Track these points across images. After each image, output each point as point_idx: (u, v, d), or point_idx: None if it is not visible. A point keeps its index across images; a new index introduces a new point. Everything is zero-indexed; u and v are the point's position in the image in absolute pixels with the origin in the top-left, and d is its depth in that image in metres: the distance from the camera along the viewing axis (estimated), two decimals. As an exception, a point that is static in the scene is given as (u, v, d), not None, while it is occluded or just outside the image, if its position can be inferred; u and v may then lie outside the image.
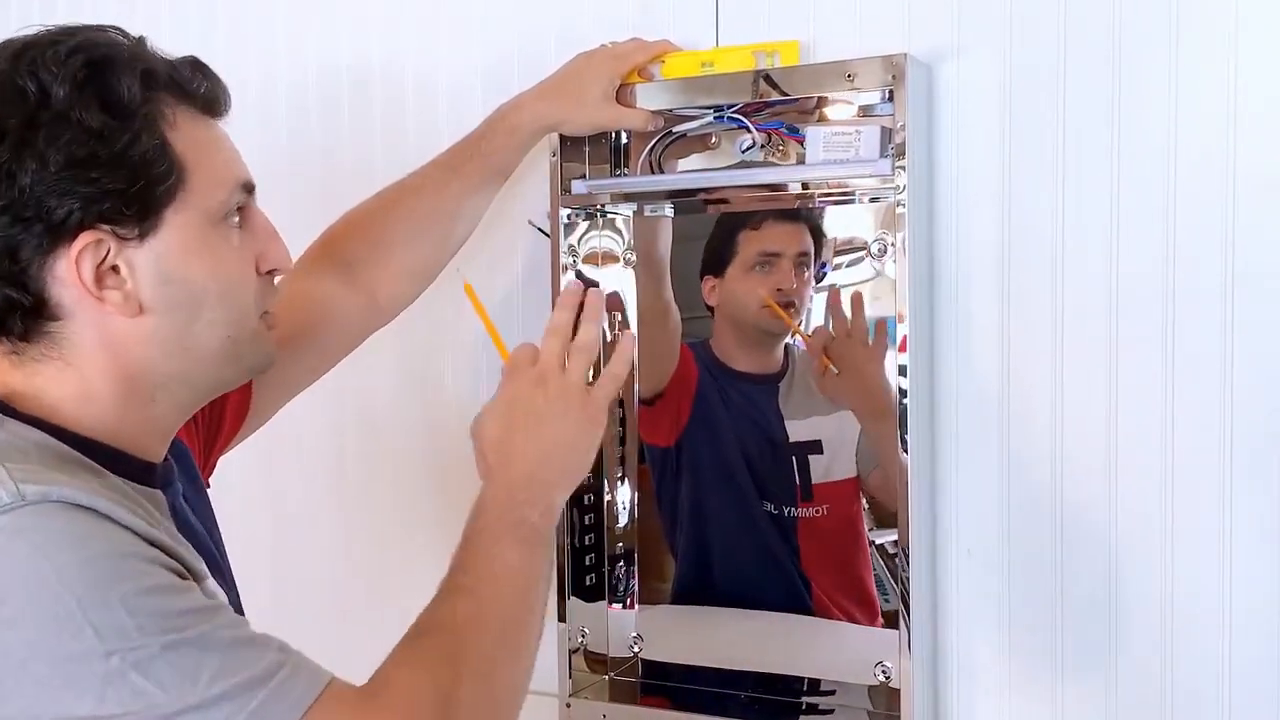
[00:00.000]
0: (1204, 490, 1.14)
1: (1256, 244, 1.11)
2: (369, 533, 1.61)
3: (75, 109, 0.83)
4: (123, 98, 0.85)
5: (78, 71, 0.84)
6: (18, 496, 0.76)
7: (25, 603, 0.75)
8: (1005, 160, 1.20)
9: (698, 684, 1.36)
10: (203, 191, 0.89)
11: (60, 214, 0.83)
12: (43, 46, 0.85)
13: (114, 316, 0.86)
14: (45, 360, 0.87)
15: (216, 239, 0.90)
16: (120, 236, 0.85)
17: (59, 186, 0.82)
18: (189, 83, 0.91)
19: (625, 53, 1.30)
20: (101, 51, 0.86)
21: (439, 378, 1.55)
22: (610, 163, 1.36)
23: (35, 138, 0.82)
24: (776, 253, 1.31)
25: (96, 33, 0.89)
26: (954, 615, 1.25)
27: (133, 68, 0.86)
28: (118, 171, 0.84)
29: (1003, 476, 1.22)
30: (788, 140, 1.27)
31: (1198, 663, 1.16)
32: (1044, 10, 1.18)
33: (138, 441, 0.91)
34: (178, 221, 0.87)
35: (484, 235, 1.39)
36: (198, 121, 0.91)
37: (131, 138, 0.85)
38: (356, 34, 1.57)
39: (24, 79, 0.83)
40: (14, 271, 0.84)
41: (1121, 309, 1.17)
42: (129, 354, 0.88)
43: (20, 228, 0.83)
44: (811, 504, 1.32)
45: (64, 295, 0.85)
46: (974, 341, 1.23)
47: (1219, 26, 1.12)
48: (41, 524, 0.76)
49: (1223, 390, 1.13)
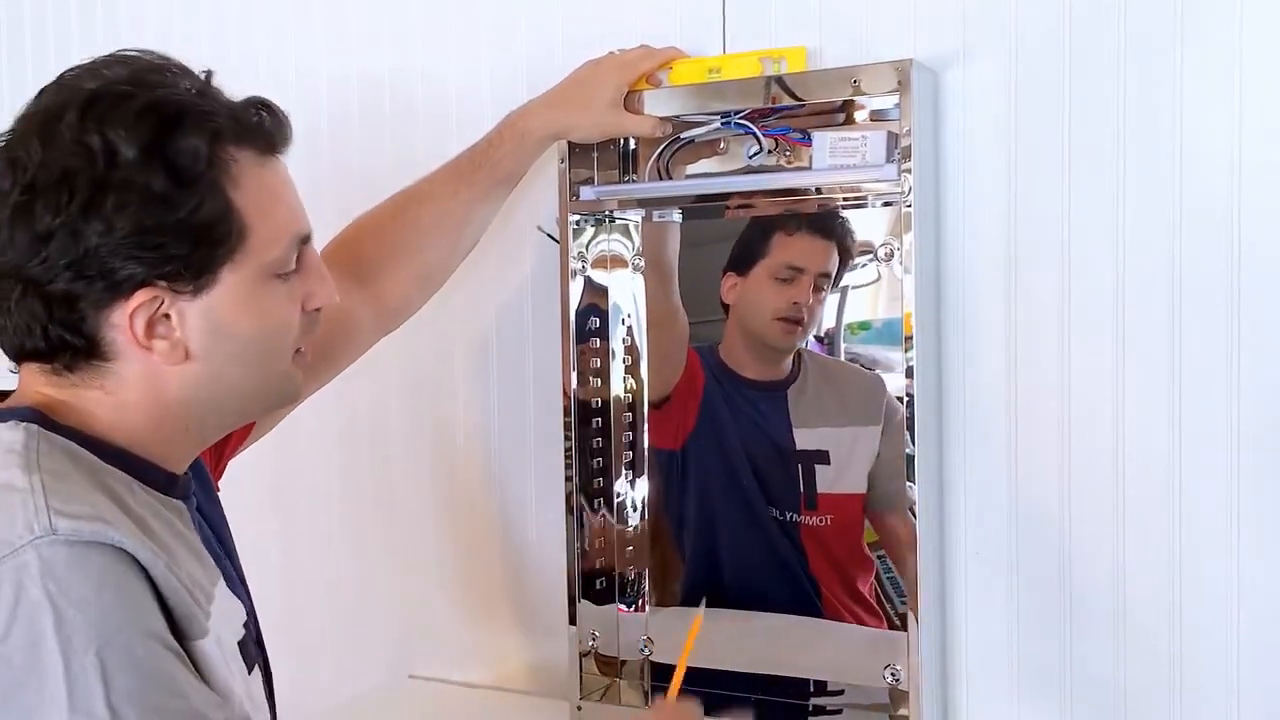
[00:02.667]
0: (1211, 491, 1.15)
1: (1263, 244, 1.12)
2: (378, 537, 1.62)
3: (142, 175, 0.84)
4: (190, 162, 0.86)
5: (146, 134, 0.84)
6: (48, 529, 0.77)
7: (21, 642, 0.75)
8: (1011, 165, 1.21)
9: (708, 686, 1.36)
10: (261, 249, 0.90)
11: (123, 274, 0.85)
12: (113, 100, 0.85)
13: (157, 361, 0.88)
14: (86, 387, 0.89)
15: (267, 292, 0.92)
16: (175, 291, 0.87)
17: (123, 251, 0.84)
18: (253, 127, 0.91)
19: (633, 60, 1.31)
20: (170, 109, 0.86)
21: (449, 383, 1.56)
22: (618, 169, 1.37)
23: (103, 200, 0.83)
24: (801, 268, 1.31)
25: (163, 79, 0.89)
26: (962, 617, 1.26)
27: (200, 126, 0.87)
28: (181, 238, 0.85)
29: (1010, 479, 1.23)
30: (795, 146, 1.28)
31: (1206, 664, 1.16)
32: (1049, 15, 1.18)
33: (166, 456, 0.93)
34: (232, 279, 0.89)
35: (493, 241, 1.40)
36: (261, 168, 0.91)
37: (197, 204, 0.86)
38: (367, 43, 1.58)
39: (92, 136, 0.84)
40: (70, 319, 0.86)
41: (1128, 311, 1.17)
42: (168, 392, 0.90)
43: (83, 283, 0.85)
44: (816, 513, 1.33)
45: (115, 339, 0.87)
46: (981, 343, 1.23)
47: (1224, 29, 1.12)
48: (60, 566, 0.77)
49: (1229, 391, 1.13)
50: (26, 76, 1.89)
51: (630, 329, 1.40)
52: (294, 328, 0.96)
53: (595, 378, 1.39)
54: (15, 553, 0.76)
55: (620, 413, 1.40)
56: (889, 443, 1.26)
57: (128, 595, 0.79)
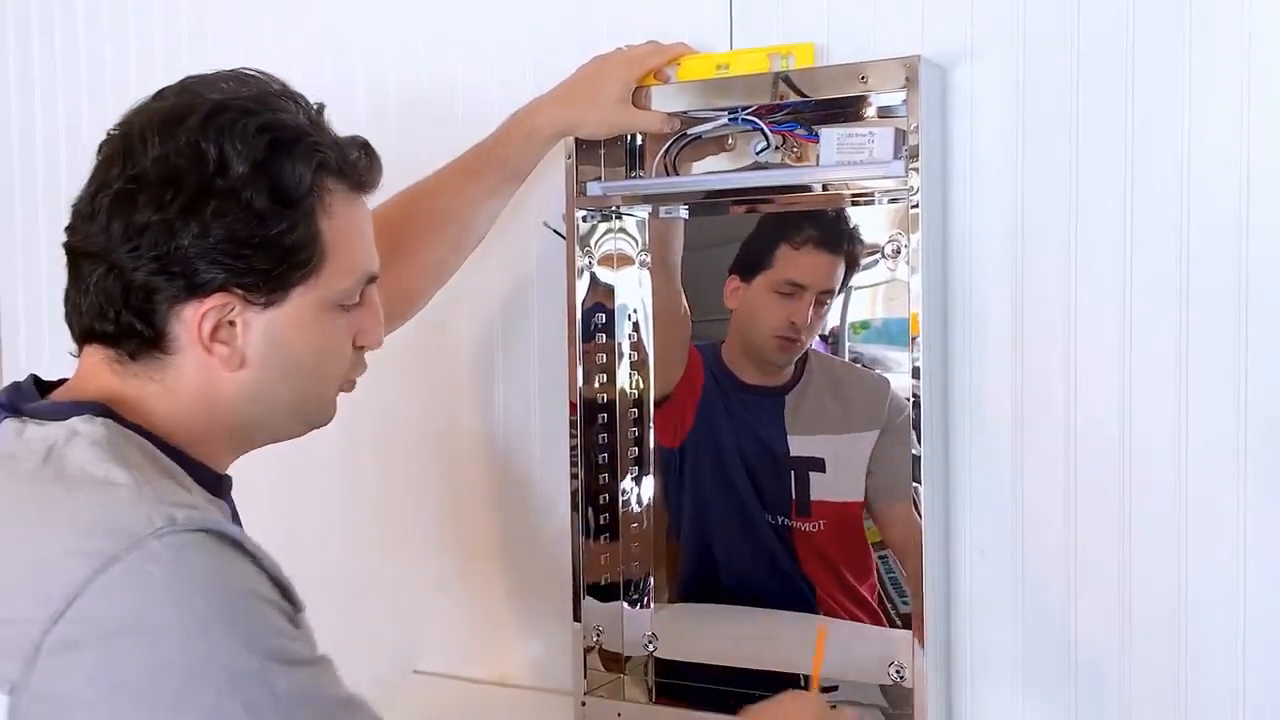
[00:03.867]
0: (1217, 492, 1.15)
1: (1272, 245, 1.12)
2: (382, 532, 1.62)
3: (248, 189, 0.88)
4: (293, 186, 0.90)
5: (260, 152, 0.89)
6: (170, 520, 0.79)
7: (170, 627, 0.76)
8: (1018, 162, 1.21)
9: (712, 683, 1.36)
10: (333, 279, 0.94)
11: (205, 277, 0.88)
12: (236, 114, 0.89)
13: (215, 364, 0.92)
14: (147, 379, 0.92)
15: (327, 319, 0.96)
16: (247, 301, 0.91)
17: (212, 255, 0.88)
18: (354, 167, 0.96)
19: (641, 56, 1.31)
20: (286, 134, 0.91)
21: (454, 378, 1.56)
22: (625, 165, 1.37)
23: (204, 205, 0.87)
24: (802, 285, 1.30)
25: (283, 104, 0.93)
26: (967, 614, 1.26)
27: (308, 156, 0.92)
28: (269, 254, 0.90)
29: (1016, 475, 1.23)
30: (802, 142, 1.28)
31: (1211, 661, 1.16)
32: (1057, 13, 1.18)
33: (210, 457, 0.96)
34: (301, 300, 0.93)
35: (500, 237, 1.40)
36: (350, 203, 0.96)
37: (290, 226, 0.90)
38: (372, 40, 1.58)
39: (209, 144, 0.88)
40: (145, 309, 0.89)
41: (1135, 309, 1.17)
42: (220, 395, 0.93)
43: (164, 277, 0.88)
44: (809, 519, 1.33)
45: (180, 335, 0.91)
46: (987, 343, 1.23)
47: (1232, 27, 1.12)
48: (189, 552, 0.79)
49: (1237, 392, 1.13)
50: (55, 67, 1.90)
51: (636, 326, 1.41)
52: (344, 359, 1.00)
53: (601, 374, 1.39)
54: (140, 543, 0.78)
55: (625, 410, 1.40)
56: (893, 438, 1.26)
57: (251, 575, 0.82)
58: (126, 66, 1.80)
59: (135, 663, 0.76)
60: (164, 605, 0.77)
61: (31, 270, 1.93)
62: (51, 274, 1.77)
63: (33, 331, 1.94)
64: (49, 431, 0.87)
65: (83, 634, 0.76)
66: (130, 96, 0.94)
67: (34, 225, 1.91)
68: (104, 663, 0.75)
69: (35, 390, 0.95)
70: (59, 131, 1.88)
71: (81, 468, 0.83)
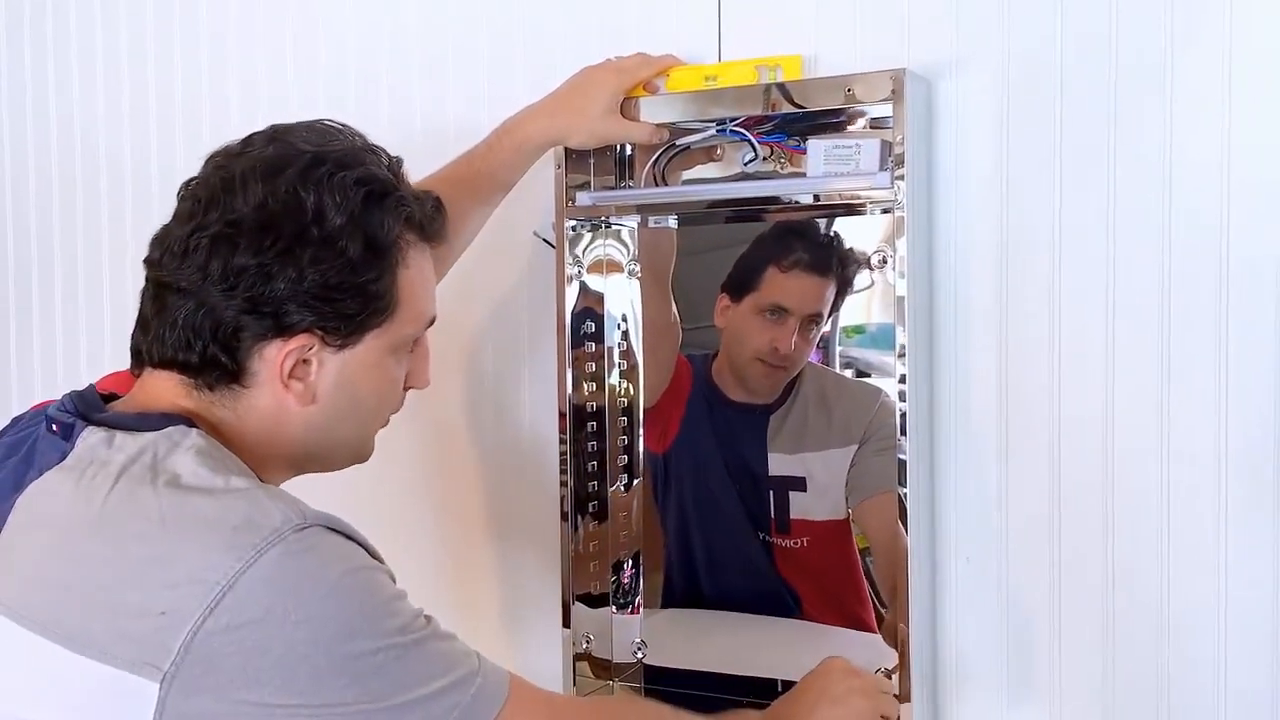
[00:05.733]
0: (1199, 501, 1.16)
1: (1253, 253, 1.13)
2: (371, 538, 1.62)
3: (344, 239, 0.94)
4: (383, 237, 0.97)
5: (356, 204, 0.95)
6: (304, 518, 0.87)
7: (315, 606, 0.84)
8: (1003, 174, 1.22)
9: (701, 689, 1.37)
10: (402, 324, 1.00)
11: (293, 319, 0.94)
12: (332, 167, 0.95)
13: (289, 399, 0.97)
14: (220, 405, 0.97)
15: (391, 362, 1.02)
16: (326, 342, 0.96)
17: (303, 299, 0.94)
18: (429, 222, 1.02)
19: (630, 67, 1.32)
20: (379, 187, 0.97)
21: (444, 385, 1.57)
22: (615, 175, 1.38)
23: (302, 253, 0.93)
24: (787, 309, 1.31)
25: (371, 158, 0.99)
26: (952, 622, 1.27)
27: (397, 209, 0.98)
28: (355, 300, 0.96)
29: (1001, 484, 1.24)
30: (790, 153, 1.29)
31: (1193, 671, 1.17)
32: (1041, 26, 1.19)
33: (265, 480, 0.99)
34: (372, 343, 0.99)
35: (489, 246, 1.41)
36: (421, 254, 1.02)
37: (377, 275, 0.96)
38: (363, 42, 1.59)
39: (308, 194, 0.94)
40: (231, 344, 0.94)
41: (1119, 320, 1.18)
42: (287, 426, 0.98)
43: (254, 317, 0.93)
44: (788, 536, 1.33)
45: (261, 370, 0.96)
46: (973, 351, 1.24)
47: (1214, 39, 1.13)
48: (320, 542, 0.87)
49: (1218, 402, 1.14)
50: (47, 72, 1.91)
51: (625, 334, 1.41)
52: (397, 400, 1.06)
53: (590, 382, 1.40)
54: (282, 537, 0.85)
55: (615, 417, 1.41)
56: (875, 443, 1.27)
57: (361, 553, 0.91)
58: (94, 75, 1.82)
59: (287, 641, 0.83)
60: (307, 587, 0.84)
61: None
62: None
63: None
64: (145, 440, 0.91)
65: (237, 620, 0.82)
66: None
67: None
68: (259, 645, 0.82)
69: (100, 400, 0.99)
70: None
71: (196, 473, 0.89)
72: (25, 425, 1.00)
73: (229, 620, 0.82)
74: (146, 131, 1.79)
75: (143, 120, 1.79)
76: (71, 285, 1.89)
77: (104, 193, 1.84)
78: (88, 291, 1.87)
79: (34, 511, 0.93)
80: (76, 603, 0.85)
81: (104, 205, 1.84)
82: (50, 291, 1.91)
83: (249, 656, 0.82)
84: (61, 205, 1.89)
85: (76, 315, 1.88)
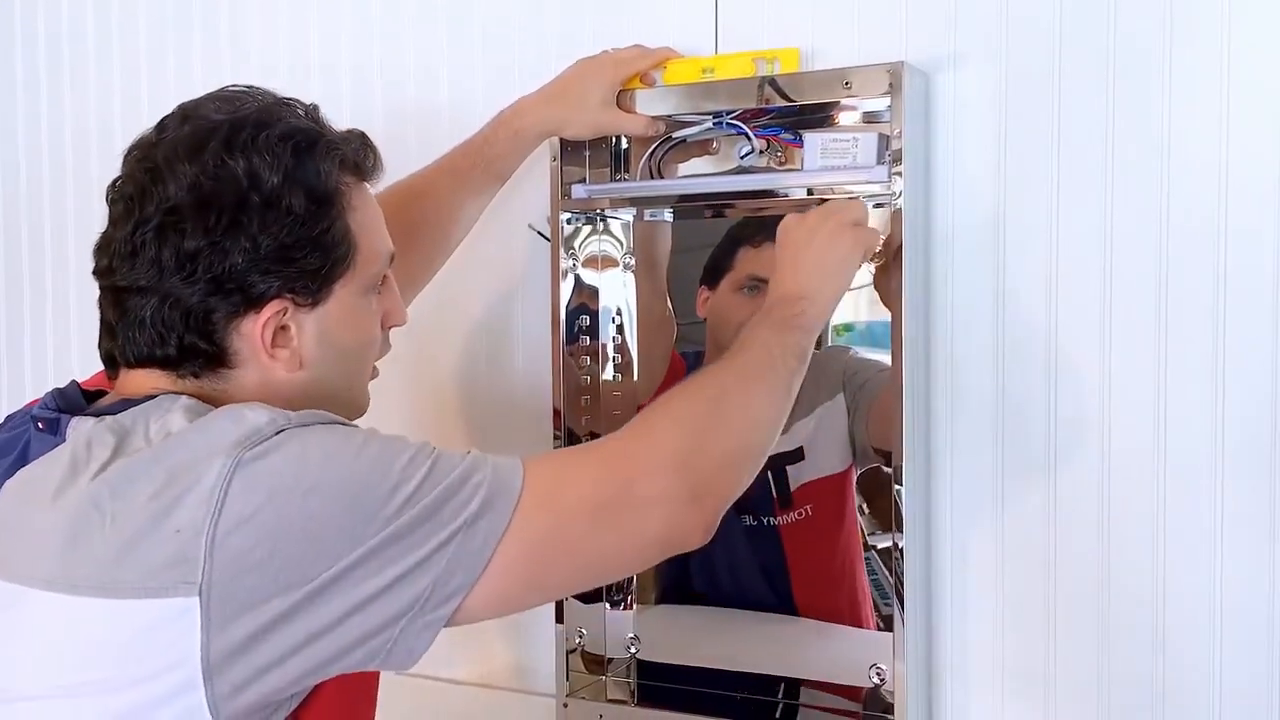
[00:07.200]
0: (1195, 498, 1.15)
1: (1250, 248, 1.13)
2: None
3: (285, 197, 0.93)
4: (323, 185, 0.96)
5: (286, 160, 0.94)
6: (288, 420, 0.88)
7: (318, 473, 0.85)
8: (1001, 167, 1.22)
9: (694, 685, 1.37)
10: (364, 266, 0.99)
11: (260, 288, 0.93)
12: (252, 129, 0.94)
13: (278, 368, 0.96)
14: (209, 390, 0.96)
15: (364, 306, 1.01)
16: (298, 304, 0.95)
17: (264, 266, 0.93)
18: (363, 159, 1.01)
19: (627, 58, 1.32)
20: (305, 137, 0.96)
21: (436, 380, 1.56)
22: (610, 167, 1.37)
23: (249, 221, 0.92)
24: (765, 279, 1.28)
25: (287, 111, 0.98)
26: (948, 617, 1.26)
27: (330, 156, 0.97)
28: (314, 253, 0.95)
29: (997, 480, 1.23)
30: (786, 146, 1.28)
31: (1188, 666, 1.17)
32: (1039, 19, 1.19)
33: None
34: (342, 293, 0.98)
35: (484, 239, 1.40)
36: (363, 194, 1.01)
37: (329, 223, 0.96)
38: (358, 38, 1.59)
39: (236, 162, 0.92)
40: (206, 328, 0.94)
41: (1115, 313, 1.18)
42: (280, 396, 0.96)
43: (221, 297, 0.93)
44: (792, 509, 1.33)
45: (243, 347, 0.95)
46: (970, 345, 1.24)
47: (1212, 34, 1.13)
48: (306, 431, 0.88)
49: (1215, 399, 1.14)
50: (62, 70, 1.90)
51: (620, 328, 1.41)
52: (378, 341, 1.05)
53: (585, 376, 1.39)
54: (266, 438, 0.86)
55: (609, 412, 1.41)
56: (863, 372, 1.28)
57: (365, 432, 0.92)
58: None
59: (304, 513, 0.84)
60: (305, 461, 0.85)
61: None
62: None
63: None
64: (136, 410, 0.91)
65: (246, 510, 0.83)
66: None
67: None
68: (277, 527, 0.83)
69: (81, 395, 0.98)
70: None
71: (186, 423, 0.89)
72: (18, 424, 0.99)
73: (238, 513, 0.83)
74: (141, 127, 1.77)
75: (135, 115, 1.78)
76: (63, 283, 1.88)
77: (95, 187, 1.83)
78: (78, 289, 1.86)
79: (30, 483, 0.91)
80: (96, 552, 0.84)
81: (95, 201, 1.83)
82: (41, 288, 1.90)
83: (274, 543, 0.83)
84: (52, 201, 1.88)
85: (67, 312, 1.87)
